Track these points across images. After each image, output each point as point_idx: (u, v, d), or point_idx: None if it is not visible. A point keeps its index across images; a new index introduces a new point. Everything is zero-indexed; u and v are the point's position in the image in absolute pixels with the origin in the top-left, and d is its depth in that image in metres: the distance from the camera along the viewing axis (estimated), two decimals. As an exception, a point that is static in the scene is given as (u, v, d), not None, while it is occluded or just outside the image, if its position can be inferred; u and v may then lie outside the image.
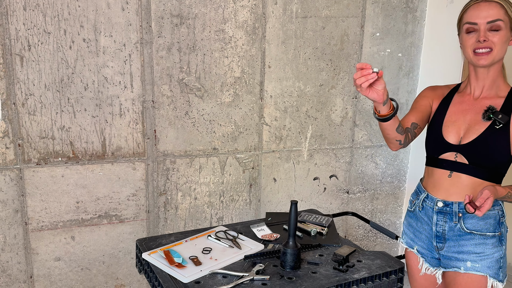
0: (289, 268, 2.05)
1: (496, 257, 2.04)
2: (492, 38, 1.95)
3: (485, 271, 2.04)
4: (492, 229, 2.04)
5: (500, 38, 1.95)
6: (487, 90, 2.08)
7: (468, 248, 2.06)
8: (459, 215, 2.06)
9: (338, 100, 3.48)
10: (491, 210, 2.04)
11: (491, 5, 1.95)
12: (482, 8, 1.97)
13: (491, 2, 1.96)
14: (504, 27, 1.94)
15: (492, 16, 1.94)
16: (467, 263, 2.06)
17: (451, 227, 2.09)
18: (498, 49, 1.96)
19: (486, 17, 1.95)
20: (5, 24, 2.61)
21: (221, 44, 3.07)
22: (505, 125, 1.98)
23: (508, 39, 1.98)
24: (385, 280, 2.06)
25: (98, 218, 3.02)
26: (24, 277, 2.93)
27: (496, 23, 1.94)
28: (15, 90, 2.70)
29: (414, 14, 3.56)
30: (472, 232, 2.05)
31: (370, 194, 3.80)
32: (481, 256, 2.04)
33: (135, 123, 2.98)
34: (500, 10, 1.94)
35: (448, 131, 2.11)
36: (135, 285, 3.22)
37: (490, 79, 2.06)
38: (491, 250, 2.04)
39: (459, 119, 2.11)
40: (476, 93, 2.10)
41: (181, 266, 2.05)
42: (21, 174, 2.80)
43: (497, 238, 2.04)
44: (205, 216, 3.30)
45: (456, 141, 2.08)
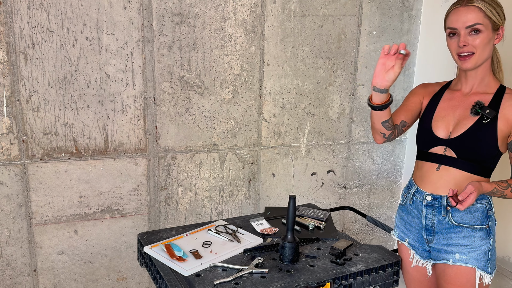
0: (287, 261, 2.07)
1: (484, 249, 2.07)
2: (473, 42, 1.98)
3: (473, 263, 2.07)
4: (479, 222, 2.07)
5: (481, 41, 1.97)
6: (476, 88, 2.11)
7: (456, 241, 2.09)
8: (447, 208, 2.09)
9: (335, 97, 3.51)
10: (479, 203, 2.07)
11: (469, 10, 1.97)
12: (461, 13, 1.99)
13: (469, 7, 1.97)
14: (484, 29, 1.97)
15: (471, 20, 1.97)
16: (456, 255, 2.10)
17: (440, 220, 2.12)
18: (480, 52, 1.99)
19: (465, 22, 1.98)
20: (9, 23, 2.63)
21: (221, 42, 3.09)
22: (493, 120, 2.01)
23: (491, 40, 2.00)
24: (382, 273, 2.09)
25: (100, 213, 3.04)
26: (28, 270, 2.96)
27: (475, 27, 1.97)
28: (19, 87, 2.72)
29: (410, 13, 3.58)
30: (460, 225, 2.08)
31: (366, 189, 3.83)
32: (469, 248, 2.07)
33: (137, 120, 3.00)
34: (479, 13, 1.96)
35: (437, 125, 2.15)
36: (136, 278, 3.24)
37: (479, 78, 2.09)
38: (479, 242, 2.07)
39: (448, 114, 2.14)
40: (466, 90, 2.14)
41: (181, 260, 2.07)
42: (25, 169, 2.83)
43: (485, 230, 2.08)
44: (205, 210, 3.33)
45: (445, 136, 2.11)
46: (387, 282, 2.12)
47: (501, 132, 2.01)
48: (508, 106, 2.01)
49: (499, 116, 2.02)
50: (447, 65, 3.09)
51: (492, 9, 1.97)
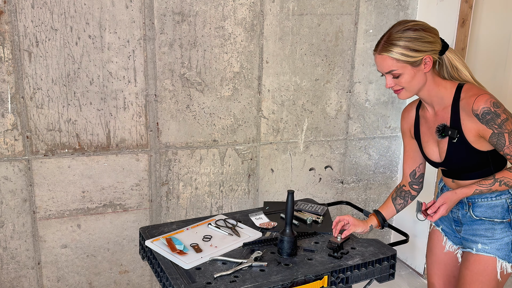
0: (286, 255, 2.09)
1: (506, 240, 2.12)
2: (398, 82, 2.00)
3: (494, 253, 2.13)
4: (500, 216, 2.12)
5: (405, 80, 1.99)
6: (436, 106, 2.12)
7: (480, 232, 2.16)
8: (469, 204, 2.16)
9: (333, 94, 3.54)
10: (498, 199, 2.11)
11: (382, 58, 1.99)
12: (378, 61, 2.02)
13: (382, 55, 1.98)
14: (402, 70, 1.97)
15: (387, 68, 1.99)
16: (478, 245, 2.16)
17: (463, 214, 2.20)
18: (408, 87, 2.01)
19: (383, 69, 2.01)
20: (14, 22, 2.66)
21: (221, 41, 3.12)
22: (460, 134, 2.04)
23: (416, 73, 1.99)
24: (378, 267, 2.11)
25: (103, 207, 3.07)
26: (32, 264, 3.00)
27: (392, 73, 1.99)
28: (23, 85, 2.75)
29: (405, 12, 3.60)
30: (482, 218, 2.14)
31: (363, 184, 3.86)
32: (491, 240, 2.13)
33: (139, 116, 3.03)
34: (391, 60, 1.96)
35: (427, 152, 2.23)
36: (138, 271, 3.27)
37: (431, 97, 2.10)
38: (500, 234, 2.12)
39: (429, 139, 2.20)
40: (431, 111, 2.16)
41: (182, 253, 2.08)
42: (29, 165, 2.86)
43: (506, 224, 2.12)
44: (205, 205, 3.36)
45: (438, 159, 2.18)
46: (383, 275, 2.14)
47: (473, 141, 2.04)
48: (466, 117, 2.02)
49: (463, 129, 2.04)
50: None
51: (404, 52, 1.95)
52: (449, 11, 3.33)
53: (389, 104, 3.73)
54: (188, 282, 1.87)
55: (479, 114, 1.96)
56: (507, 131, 1.96)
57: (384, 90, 3.68)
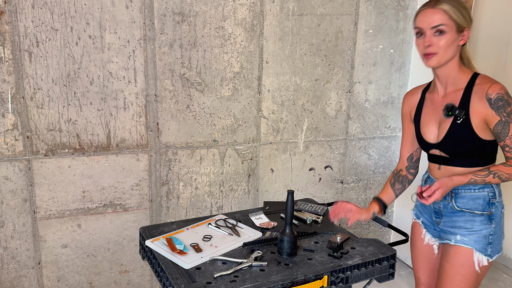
0: (286, 254, 2.09)
1: (484, 233, 2.16)
2: (438, 42, 2.04)
3: (472, 244, 2.17)
4: (480, 208, 2.16)
5: (445, 42, 2.04)
6: (449, 87, 2.18)
7: (459, 224, 2.20)
8: (451, 194, 2.20)
9: (332, 94, 3.54)
10: (481, 191, 2.15)
11: (435, 11, 2.04)
12: (427, 14, 2.06)
13: (435, 9, 2.04)
14: (448, 30, 2.03)
15: (436, 21, 2.03)
16: (457, 236, 2.20)
17: (445, 205, 2.24)
18: (443, 52, 2.05)
19: (430, 23, 2.05)
20: (14, 22, 2.66)
21: (221, 41, 3.12)
22: (467, 118, 2.08)
23: (455, 41, 2.06)
24: (378, 266, 2.11)
25: (103, 207, 3.08)
26: (33, 263, 3.00)
27: (439, 28, 2.03)
28: (24, 85, 2.76)
29: (405, 12, 3.61)
30: (463, 210, 2.18)
31: (363, 184, 3.87)
32: (470, 231, 2.17)
33: (139, 116, 3.04)
34: (444, 15, 2.03)
35: (425, 132, 2.26)
36: (138, 271, 3.28)
37: (449, 76, 2.15)
38: (479, 226, 2.16)
39: (431, 119, 2.24)
40: (441, 92, 2.21)
41: (182, 253, 2.08)
42: (29, 165, 2.86)
43: (486, 216, 2.16)
44: (205, 205, 3.36)
45: (434, 140, 2.21)
46: (383, 275, 2.14)
47: (476, 126, 2.08)
48: (477, 100, 2.07)
49: (470, 112, 2.08)
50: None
51: (457, 11, 2.04)
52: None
53: (389, 104, 3.74)
54: (188, 282, 1.88)
55: (492, 99, 2.02)
56: None
57: (384, 90, 3.69)
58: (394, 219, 4.06)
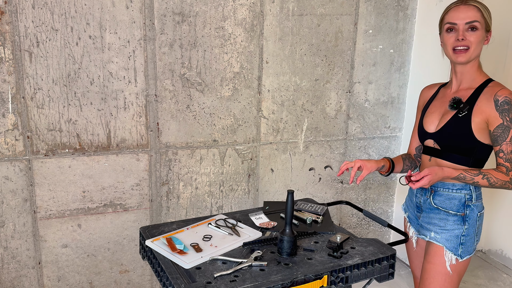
0: (286, 254, 2.08)
1: (456, 233, 2.23)
2: (470, 38, 2.12)
3: (443, 242, 2.25)
4: (455, 208, 2.23)
5: (476, 38, 2.12)
6: (464, 84, 2.24)
7: (434, 221, 2.29)
8: (431, 191, 2.29)
9: (332, 94, 3.55)
10: (458, 192, 2.22)
11: (469, 8, 2.12)
12: (462, 10, 2.14)
13: (469, 5, 2.12)
14: (480, 27, 2.11)
15: (470, 17, 2.11)
16: (431, 233, 2.29)
17: (424, 200, 2.33)
18: (475, 48, 2.13)
19: (465, 18, 2.12)
20: (14, 22, 2.67)
21: (221, 41, 3.13)
22: (468, 113, 2.14)
23: (483, 39, 2.15)
24: (378, 266, 2.10)
25: (103, 207, 3.08)
26: (33, 263, 3.00)
27: (473, 24, 2.11)
28: (24, 85, 2.76)
29: (405, 12, 3.61)
30: (439, 207, 2.26)
31: (363, 184, 3.87)
32: (443, 229, 2.25)
33: (139, 116, 3.04)
34: (477, 12, 2.11)
35: (426, 121, 2.32)
36: (138, 270, 3.28)
37: (468, 74, 2.22)
38: (452, 226, 2.23)
39: (436, 110, 2.30)
40: (455, 87, 2.27)
41: (182, 253, 2.08)
42: (30, 165, 2.86)
43: (460, 217, 2.23)
44: (205, 205, 3.37)
45: (433, 129, 2.28)
46: (383, 274, 2.13)
47: (475, 124, 2.13)
48: (484, 99, 2.13)
49: (474, 109, 2.14)
50: (441, 63, 3.13)
51: (486, 11, 2.15)
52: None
53: (389, 104, 3.74)
54: (188, 282, 1.88)
55: (499, 101, 2.08)
56: None
57: (384, 90, 3.69)
58: (394, 219, 4.07)
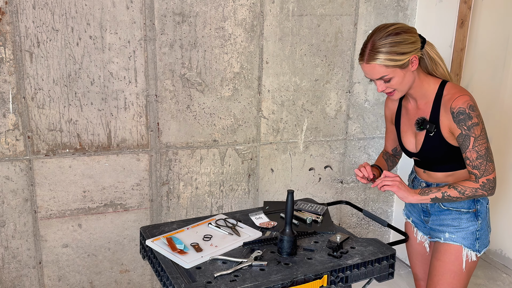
0: (286, 254, 2.08)
1: (471, 230, 2.22)
2: (390, 85, 2.06)
3: (460, 241, 2.23)
4: (466, 206, 2.22)
5: (395, 82, 2.04)
6: (419, 100, 2.19)
7: (447, 222, 2.26)
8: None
9: (332, 94, 3.55)
10: None
11: (371, 66, 2.02)
12: (365, 70, 2.06)
13: (370, 64, 2.02)
14: (392, 74, 2.02)
15: (377, 74, 2.03)
16: (446, 234, 2.26)
17: (431, 204, 2.30)
18: (400, 87, 2.07)
19: (373, 76, 2.05)
20: (15, 22, 2.67)
21: (221, 41, 3.13)
22: (438, 129, 2.12)
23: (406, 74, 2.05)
24: (377, 266, 2.10)
25: (104, 207, 3.09)
26: (34, 263, 3.01)
27: (383, 78, 2.04)
28: (24, 85, 2.77)
29: (405, 13, 3.61)
30: (449, 208, 2.24)
31: (362, 184, 3.86)
32: (457, 229, 2.24)
33: (139, 116, 3.05)
34: (380, 68, 2.00)
35: (405, 141, 2.32)
36: (139, 270, 3.29)
37: (417, 92, 2.17)
38: (466, 223, 2.22)
39: (408, 129, 2.29)
40: (413, 104, 2.24)
41: (183, 253, 2.07)
42: (30, 164, 2.87)
43: (472, 214, 2.22)
44: (205, 204, 3.37)
45: (414, 149, 2.27)
46: (382, 274, 2.13)
47: (447, 137, 2.12)
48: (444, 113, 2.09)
49: (440, 123, 2.12)
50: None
51: (391, 56, 1.98)
52: (448, 11, 3.35)
53: None
54: (188, 281, 1.88)
55: (455, 112, 2.03)
56: (474, 135, 2.02)
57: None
58: (393, 219, 4.07)
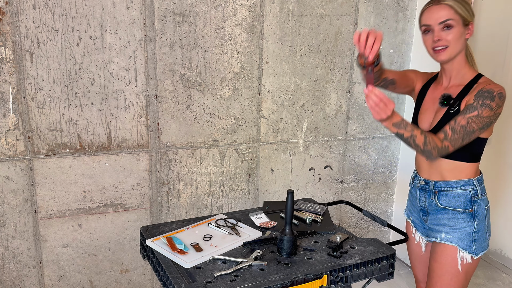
0: (285, 254, 2.08)
1: (467, 230, 2.21)
2: (446, 37, 2.10)
3: (456, 242, 2.22)
4: (462, 206, 2.21)
5: (453, 36, 2.10)
6: (453, 80, 2.22)
7: (443, 221, 2.25)
8: (435, 192, 2.25)
9: (332, 94, 3.56)
10: (463, 189, 2.20)
11: (441, 7, 2.10)
12: (433, 11, 2.11)
13: (440, 5, 2.10)
14: (455, 24, 2.09)
15: (443, 17, 2.09)
16: (442, 234, 2.26)
17: (429, 203, 2.30)
18: (453, 45, 2.11)
19: (437, 19, 2.10)
20: (15, 22, 2.67)
21: (221, 41, 3.13)
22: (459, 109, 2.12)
23: (462, 34, 2.12)
24: (377, 266, 2.10)
25: (104, 207, 3.09)
26: (34, 263, 3.01)
27: (447, 23, 2.08)
28: (25, 85, 2.77)
29: (404, 13, 3.62)
30: (446, 207, 2.24)
31: (362, 184, 3.88)
32: (453, 229, 2.23)
33: (139, 116, 3.05)
34: (450, 10, 2.08)
35: (421, 118, 2.30)
36: (139, 270, 3.29)
37: (455, 70, 2.20)
38: (462, 224, 2.21)
39: (430, 107, 2.28)
40: (445, 83, 2.26)
41: (183, 252, 2.07)
42: (30, 164, 2.87)
43: (469, 214, 2.20)
44: (205, 204, 3.37)
45: (428, 127, 2.25)
46: (382, 274, 2.13)
47: None
48: (470, 94, 2.11)
49: (462, 104, 2.12)
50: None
51: (461, 6, 2.10)
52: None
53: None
54: (188, 281, 1.88)
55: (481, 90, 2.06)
56: (479, 112, 2.04)
57: (383, 91, 3.69)
58: (393, 219, 4.08)
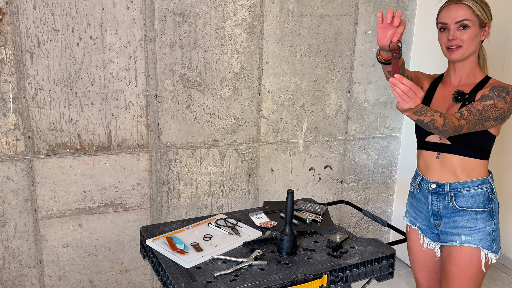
0: (285, 254, 2.09)
1: (488, 230, 2.18)
2: (461, 36, 2.11)
3: (478, 243, 2.18)
4: (481, 205, 2.18)
5: (468, 36, 2.11)
6: (464, 80, 2.23)
7: (461, 223, 2.20)
8: (451, 194, 2.21)
9: (332, 94, 3.56)
10: (480, 188, 2.18)
11: (459, 7, 2.11)
12: (451, 10, 2.13)
13: (459, 4, 2.11)
14: (472, 25, 2.10)
15: (460, 16, 2.10)
16: (462, 237, 2.20)
17: (444, 206, 2.24)
18: (467, 46, 2.12)
19: (455, 18, 2.11)
20: (16, 22, 2.68)
21: (221, 41, 3.14)
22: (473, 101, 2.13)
23: (477, 35, 2.13)
24: (377, 266, 2.11)
25: (104, 207, 3.09)
26: (34, 263, 3.01)
27: (463, 22, 2.10)
28: (25, 85, 2.77)
29: (404, 13, 3.62)
30: (464, 209, 2.19)
31: (362, 184, 3.88)
32: (474, 230, 2.18)
33: (140, 116, 3.05)
34: (468, 10, 2.09)
35: None
36: (139, 270, 3.29)
37: (467, 71, 2.21)
38: (482, 224, 2.18)
39: (441, 105, 2.27)
40: (455, 82, 2.26)
41: (183, 252, 2.08)
42: (31, 164, 2.87)
43: (488, 213, 2.18)
44: (206, 204, 3.38)
45: None
46: (382, 274, 2.14)
47: None
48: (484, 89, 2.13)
49: (476, 97, 2.13)
50: (441, 64, 3.15)
51: (480, 7, 2.11)
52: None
53: (388, 105, 3.75)
54: (188, 281, 1.88)
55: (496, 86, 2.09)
56: (495, 101, 2.05)
57: (383, 91, 3.70)
58: (393, 219, 4.08)
